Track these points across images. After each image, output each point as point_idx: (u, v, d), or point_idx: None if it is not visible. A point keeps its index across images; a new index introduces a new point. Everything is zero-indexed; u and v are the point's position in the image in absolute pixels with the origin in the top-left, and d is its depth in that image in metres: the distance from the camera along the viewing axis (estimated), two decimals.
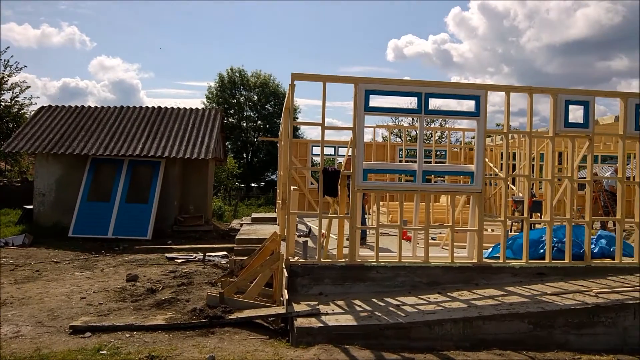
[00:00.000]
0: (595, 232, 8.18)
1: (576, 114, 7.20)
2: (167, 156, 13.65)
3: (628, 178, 12.60)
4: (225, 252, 10.24)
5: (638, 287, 6.10)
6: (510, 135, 14.87)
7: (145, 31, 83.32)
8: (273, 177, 41.13)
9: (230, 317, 5.36)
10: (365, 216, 9.13)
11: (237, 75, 41.99)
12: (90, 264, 9.53)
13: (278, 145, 12.39)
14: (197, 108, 16.78)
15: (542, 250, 7.16)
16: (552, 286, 6.38)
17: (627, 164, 13.86)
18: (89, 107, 16.36)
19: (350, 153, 6.52)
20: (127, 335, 5.11)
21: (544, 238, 7.15)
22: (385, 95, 6.66)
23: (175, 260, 9.65)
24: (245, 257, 7.50)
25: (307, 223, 9.40)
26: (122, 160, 13.71)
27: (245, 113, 42.47)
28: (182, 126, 15.27)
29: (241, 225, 13.53)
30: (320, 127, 6.37)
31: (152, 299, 6.59)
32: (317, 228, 6.47)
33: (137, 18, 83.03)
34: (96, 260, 9.96)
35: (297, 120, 39.19)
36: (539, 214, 10.03)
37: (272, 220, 13.30)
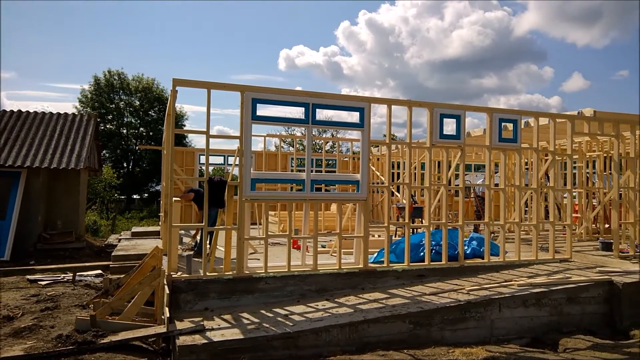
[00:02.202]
0: (468, 235, 9.13)
1: (455, 126, 7.97)
2: (29, 166, 12.33)
3: (497, 185, 14.29)
4: (100, 271, 9.52)
5: (503, 283, 6.94)
6: (395, 145, 15.98)
7: (6, 26, 74.28)
8: (158, 187, 39.21)
9: (102, 342, 5.00)
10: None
11: (116, 78, 39.49)
12: None
13: (162, 153, 11.90)
14: (66, 113, 15.45)
15: (422, 253, 7.80)
16: (430, 286, 6.97)
17: (496, 172, 15.72)
18: None
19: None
20: None
21: (424, 242, 7.80)
22: (274, 105, 6.79)
23: (39, 282, 8.72)
24: (122, 275, 7.06)
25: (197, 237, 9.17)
26: None
27: (125, 119, 40.04)
28: (49, 133, 13.93)
29: (119, 240, 12.71)
30: (205, 136, 6.29)
31: (8, 327, 5.89)
32: (203, 241, 6.35)
33: None
34: None
35: (182, 128, 37.94)
36: (420, 219, 10.90)
37: (155, 234, 12.70)
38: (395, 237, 10.94)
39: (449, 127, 7.87)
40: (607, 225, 12.69)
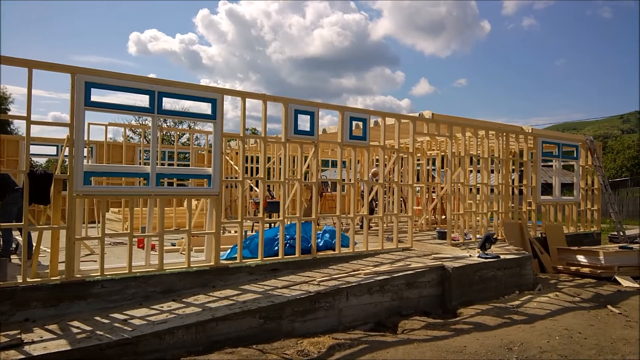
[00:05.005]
0: (321, 228, 9.58)
1: (309, 122, 8.22)
2: None
3: (344, 180, 15.20)
4: None
5: (351, 273, 7.41)
6: (253, 139, 15.97)
7: None
8: None
9: None
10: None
11: None
12: None
13: None
14: None
15: (276, 248, 7.96)
16: (283, 280, 7.14)
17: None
18: None
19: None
20: None
21: (279, 236, 7.96)
22: (115, 91, 6.30)
23: None
24: None
25: (16, 237, 8.07)
26: None
27: None
28: None
29: None
30: (26, 122, 5.58)
31: None
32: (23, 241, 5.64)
33: None
34: None
35: (7, 113, 33.33)
36: (277, 214, 11.10)
37: None
38: (251, 232, 10.98)
39: (305, 123, 8.14)
40: (443, 216, 14.38)
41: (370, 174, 11.95)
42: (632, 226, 21.59)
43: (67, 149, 5.85)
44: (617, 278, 9.47)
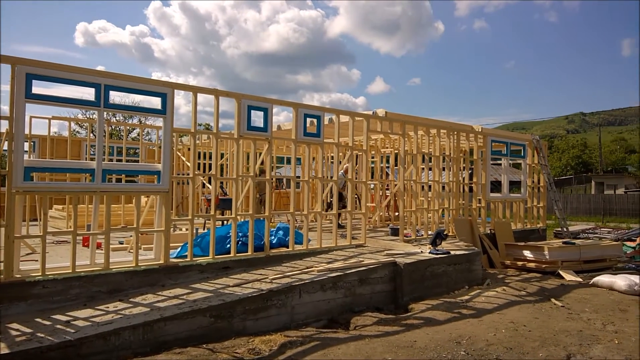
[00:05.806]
0: (275, 225, 9.61)
1: (262, 118, 8.21)
2: None
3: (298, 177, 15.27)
4: None
5: (304, 270, 7.48)
6: (206, 135, 15.72)
7: None
8: None
9: None
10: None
11: None
12: None
13: None
14: None
15: (228, 246, 7.92)
16: (235, 278, 7.13)
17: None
18: None
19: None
20: None
21: (231, 234, 7.92)
22: (60, 83, 6.08)
23: None
24: None
25: None
26: None
27: None
28: None
29: None
30: None
31: None
32: None
33: None
34: None
35: None
36: (230, 211, 11.02)
37: None
38: (203, 229, 10.85)
39: (259, 119, 8.13)
40: (396, 213, 14.72)
41: (341, 171, 12.11)
42: (576, 222, 22.87)
43: (6, 143, 5.62)
44: (560, 272, 10.01)
